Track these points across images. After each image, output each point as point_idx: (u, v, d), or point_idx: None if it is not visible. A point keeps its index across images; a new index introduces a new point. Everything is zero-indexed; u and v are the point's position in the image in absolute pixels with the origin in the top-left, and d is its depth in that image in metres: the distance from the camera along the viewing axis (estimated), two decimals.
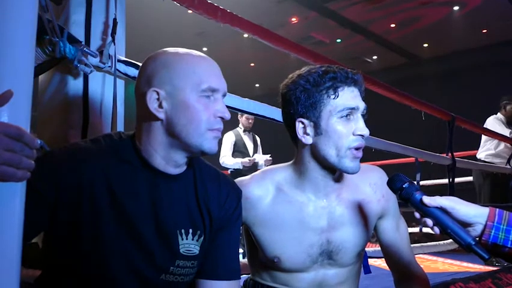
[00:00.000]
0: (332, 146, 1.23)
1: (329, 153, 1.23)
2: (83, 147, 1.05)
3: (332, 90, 1.22)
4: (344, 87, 1.23)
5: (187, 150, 1.06)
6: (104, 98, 1.45)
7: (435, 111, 3.54)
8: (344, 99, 1.22)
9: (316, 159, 1.27)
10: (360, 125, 1.23)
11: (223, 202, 1.16)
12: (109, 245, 1.00)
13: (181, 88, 1.03)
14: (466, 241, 1.03)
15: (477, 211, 1.06)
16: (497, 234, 1.03)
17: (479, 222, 1.05)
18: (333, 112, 1.22)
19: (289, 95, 1.27)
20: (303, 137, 1.26)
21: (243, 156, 5.14)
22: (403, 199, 1.12)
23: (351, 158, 1.23)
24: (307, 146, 1.27)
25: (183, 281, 1.10)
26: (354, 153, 1.23)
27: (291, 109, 1.27)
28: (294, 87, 1.26)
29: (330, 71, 1.24)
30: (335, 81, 1.22)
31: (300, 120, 1.26)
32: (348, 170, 1.24)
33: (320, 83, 1.23)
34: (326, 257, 1.31)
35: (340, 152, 1.22)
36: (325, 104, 1.23)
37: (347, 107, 1.22)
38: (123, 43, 1.53)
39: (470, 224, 1.06)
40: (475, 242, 1.03)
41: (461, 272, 3.78)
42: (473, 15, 8.86)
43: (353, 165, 1.24)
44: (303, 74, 1.26)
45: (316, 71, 1.25)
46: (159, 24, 8.34)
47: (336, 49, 10.24)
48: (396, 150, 3.12)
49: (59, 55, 1.31)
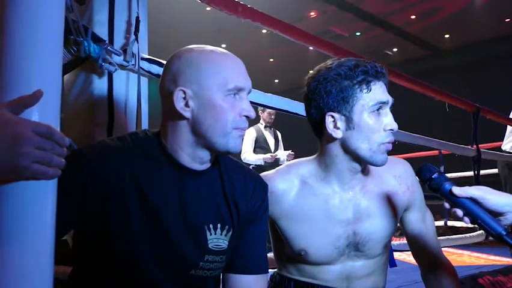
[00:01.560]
0: (365, 140, 1.23)
1: (361, 147, 1.23)
2: (110, 145, 1.06)
3: (365, 84, 1.21)
4: (376, 82, 1.23)
5: (212, 148, 1.07)
6: (128, 96, 1.47)
7: (460, 102, 3.48)
8: (375, 94, 1.22)
9: (347, 152, 1.27)
10: (389, 119, 1.23)
11: (250, 196, 1.16)
12: (138, 241, 1.01)
13: (207, 87, 1.03)
14: (497, 231, 1.03)
15: (508, 200, 1.05)
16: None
17: (510, 211, 1.04)
18: (366, 106, 1.22)
19: (319, 88, 1.25)
20: (333, 131, 1.25)
21: (265, 152, 5.14)
22: (432, 189, 1.12)
23: (382, 152, 1.24)
24: (337, 140, 1.26)
25: (212, 275, 1.11)
26: (387, 147, 1.24)
27: (320, 102, 1.25)
28: (324, 80, 1.24)
29: (361, 64, 1.23)
30: (367, 75, 1.22)
31: (331, 114, 1.24)
32: (378, 163, 1.25)
33: (351, 77, 1.22)
34: (352, 248, 1.31)
35: (373, 146, 1.23)
36: (358, 98, 1.22)
37: (379, 101, 1.22)
38: (146, 41, 1.54)
39: (501, 213, 1.05)
40: (506, 232, 1.02)
41: (489, 265, 3.75)
42: (495, 4, 8.68)
43: (383, 158, 1.25)
44: (333, 67, 1.25)
45: (347, 64, 1.23)
46: (178, 21, 8.39)
47: (355, 42, 10.16)
48: (420, 143, 3.09)
49: (84, 54, 1.33)
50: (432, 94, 3.18)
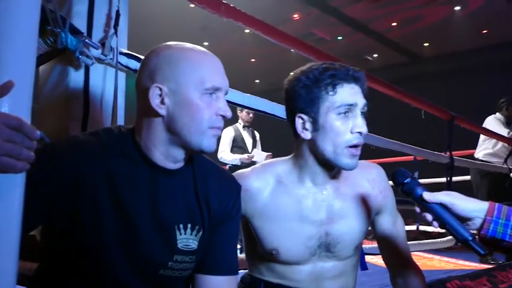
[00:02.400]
0: (329, 142, 1.24)
1: (326, 149, 1.24)
2: (83, 140, 1.04)
3: (331, 86, 1.23)
4: (344, 84, 1.23)
5: (187, 147, 1.06)
6: (105, 90, 1.45)
7: (435, 109, 3.54)
8: (342, 96, 1.23)
9: (315, 154, 1.29)
10: (358, 122, 1.23)
11: (222, 197, 1.16)
12: (107, 239, 1.00)
13: (184, 85, 1.02)
14: (464, 236, 1.05)
15: (476, 206, 1.08)
16: (495, 229, 1.04)
17: (478, 216, 1.06)
18: (331, 108, 1.23)
19: (291, 90, 1.28)
20: (302, 132, 1.27)
21: (242, 151, 5.13)
22: (405, 193, 1.14)
23: (348, 155, 1.23)
24: (306, 141, 1.29)
25: (181, 275, 1.10)
26: (352, 151, 1.23)
27: (292, 104, 1.29)
28: (296, 83, 1.27)
29: (331, 68, 1.25)
30: (335, 78, 1.23)
31: (300, 116, 1.27)
32: (344, 167, 1.25)
33: (319, 80, 1.24)
34: (324, 249, 1.32)
35: (337, 149, 1.23)
36: (323, 100, 1.23)
37: (344, 104, 1.22)
38: (125, 36, 1.52)
39: (469, 218, 1.07)
40: (472, 238, 1.05)
41: (457, 269, 3.81)
42: (474, 15, 8.87)
43: (349, 162, 1.24)
44: (305, 70, 1.28)
45: (318, 67, 1.26)
46: (161, 18, 8.33)
47: (337, 46, 10.24)
48: (395, 148, 3.13)
49: (61, 46, 1.30)
50: (408, 101, 3.22)
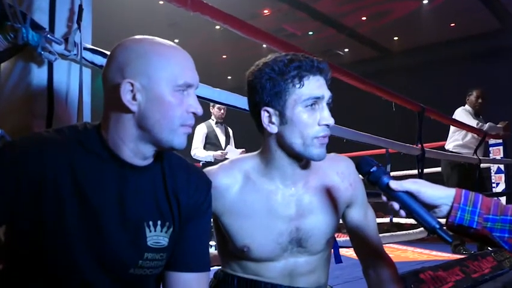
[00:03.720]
0: (298, 135, 1.22)
1: (295, 142, 1.23)
2: (46, 137, 1.00)
3: (297, 79, 1.21)
4: (310, 76, 1.22)
5: (157, 144, 1.03)
6: (70, 87, 1.40)
7: (405, 102, 3.59)
8: (309, 89, 1.22)
9: (282, 147, 1.27)
10: (325, 114, 1.22)
11: (192, 192, 1.14)
12: (73, 239, 0.97)
13: (156, 81, 0.99)
14: (431, 225, 1.05)
15: (443, 193, 1.07)
16: (463, 216, 1.04)
17: (445, 203, 1.06)
18: (298, 101, 1.21)
19: (255, 83, 1.25)
20: (269, 126, 1.25)
21: (215, 148, 5.11)
22: (371, 183, 1.12)
23: (317, 146, 1.23)
24: (273, 135, 1.27)
25: (152, 273, 1.07)
26: (321, 140, 1.23)
27: (256, 97, 1.26)
28: (260, 75, 1.24)
29: (296, 59, 1.23)
30: (300, 70, 1.21)
31: (265, 109, 1.25)
32: (314, 157, 1.25)
33: (285, 72, 1.22)
34: (295, 245, 1.31)
35: (306, 141, 1.22)
36: (290, 93, 1.22)
37: (312, 96, 1.21)
38: (89, 31, 1.48)
39: (436, 205, 1.07)
40: (439, 226, 1.04)
41: (431, 260, 3.87)
42: (442, 9, 9.02)
43: (319, 152, 1.24)
44: (269, 62, 1.25)
45: (282, 59, 1.24)
46: (130, 14, 8.21)
47: (308, 42, 10.28)
48: (367, 141, 3.15)
49: (22, 42, 1.26)
50: (379, 93, 3.25)
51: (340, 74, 2.77)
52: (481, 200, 1.05)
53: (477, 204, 1.05)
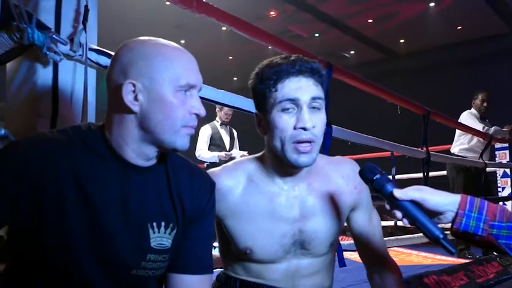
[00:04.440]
0: (277, 139, 1.21)
1: (275, 146, 1.22)
2: (49, 137, 1.00)
3: (273, 82, 1.21)
4: (285, 80, 1.20)
5: (159, 145, 1.03)
6: (74, 87, 1.41)
7: (411, 105, 3.57)
8: (283, 92, 1.20)
9: (271, 151, 1.28)
10: (301, 117, 1.18)
11: (196, 193, 1.13)
12: (74, 239, 0.96)
13: (158, 82, 0.99)
14: (434, 234, 1.03)
15: (447, 199, 1.06)
16: (468, 223, 1.03)
17: (450, 210, 1.05)
18: (274, 105, 1.21)
19: (251, 88, 1.29)
20: (259, 130, 1.28)
21: (220, 149, 5.11)
22: (374, 190, 1.10)
23: (294, 151, 1.20)
24: (265, 139, 1.28)
25: (154, 275, 1.07)
26: (297, 146, 1.19)
27: (255, 100, 1.29)
28: (250, 81, 1.28)
29: (273, 64, 1.23)
30: (277, 74, 1.21)
31: (256, 113, 1.28)
32: (293, 163, 1.21)
33: (264, 78, 1.22)
34: (298, 247, 1.30)
35: (284, 145, 1.20)
36: (268, 97, 1.22)
37: (285, 99, 1.19)
38: (95, 31, 1.48)
39: (441, 212, 1.06)
40: (443, 236, 1.02)
41: (435, 264, 3.85)
42: (449, 11, 8.98)
43: (297, 158, 1.20)
44: (259, 67, 1.27)
45: (268, 64, 1.24)
46: (137, 15, 8.23)
47: (313, 43, 10.26)
48: (372, 144, 3.14)
49: (27, 42, 1.26)
50: (384, 96, 3.24)
51: (345, 76, 2.76)
52: (486, 207, 1.04)
53: (483, 211, 1.03)
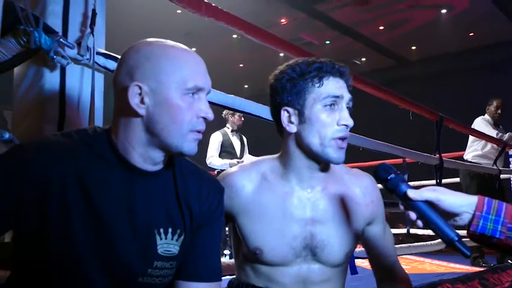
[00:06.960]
0: (316, 134, 1.22)
1: (313, 142, 1.23)
2: (53, 141, 0.98)
3: (317, 78, 1.23)
4: (329, 77, 1.24)
5: (166, 149, 1.01)
6: (82, 91, 1.39)
7: (424, 110, 3.53)
8: (328, 88, 1.23)
9: (301, 148, 1.26)
10: (344, 114, 1.23)
11: (204, 198, 1.11)
12: (79, 245, 0.94)
13: (165, 84, 0.97)
14: (449, 236, 1.00)
15: (464, 200, 1.03)
16: (485, 225, 1.00)
17: (467, 211, 1.02)
18: (317, 100, 1.22)
19: (276, 84, 1.28)
20: (288, 126, 1.26)
21: (231, 156, 5.09)
22: (388, 190, 1.08)
23: (335, 148, 1.22)
24: (292, 135, 1.27)
25: (161, 282, 1.04)
26: (339, 143, 1.22)
27: (277, 98, 1.28)
28: (281, 76, 1.27)
29: (317, 61, 1.25)
30: (321, 71, 1.23)
31: (285, 109, 1.26)
32: (331, 160, 1.24)
33: (305, 72, 1.24)
34: (309, 252, 1.28)
35: (324, 141, 1.22)
36: (309, 92, 1.23)
37: (331, 95, 1.22)
38: (103, 35, 1.47)
39: (457, 214, 1.02)
40: (458, 238, 0.99)
41: (449, 272, 3.79)
42: (461, 18, 8.93)
43: (336, 156, 1.23)
44: (291, 64, 1.28)
45: (304, 61, 1.26)
46: (147, 23, 8.27)
47: (325, 51, 10.26)
48: (384, 150, 3.10)
49: (34, 46, 1.25)
50: (396, 102, 3.21)
51: (357, 82, 2.73)
52: (504, 209, 1.00)
53: (501, 213, 1.00)
